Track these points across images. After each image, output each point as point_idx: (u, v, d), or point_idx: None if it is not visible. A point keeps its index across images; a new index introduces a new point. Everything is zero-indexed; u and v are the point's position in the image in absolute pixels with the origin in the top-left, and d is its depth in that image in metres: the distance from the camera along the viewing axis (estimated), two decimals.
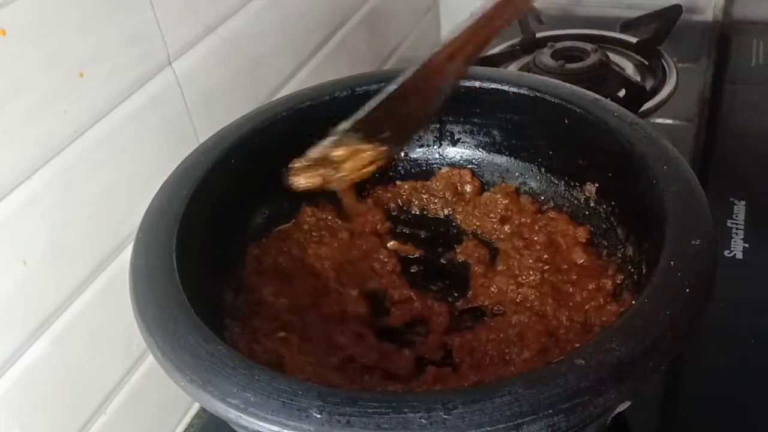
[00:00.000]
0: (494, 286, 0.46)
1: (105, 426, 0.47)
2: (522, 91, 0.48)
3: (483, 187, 0.53)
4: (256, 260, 0.47)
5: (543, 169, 0.51)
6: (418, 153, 0.54)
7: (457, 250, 0.50)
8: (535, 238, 0.48)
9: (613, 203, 0.46)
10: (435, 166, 0.54)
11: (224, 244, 0.45)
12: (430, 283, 0.48)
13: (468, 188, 0.53)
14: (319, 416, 0.27)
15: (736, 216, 0.58)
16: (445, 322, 0.45)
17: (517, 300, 0.45)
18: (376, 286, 0.48)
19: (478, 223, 0.52)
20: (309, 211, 0.50)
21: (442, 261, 0.50)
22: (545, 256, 0.47)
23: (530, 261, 0.47)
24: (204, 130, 0.51)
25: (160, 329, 0.33)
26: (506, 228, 0.50)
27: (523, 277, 0.46)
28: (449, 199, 0.53)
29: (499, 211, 0.51)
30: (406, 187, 0.54)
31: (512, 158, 0.52)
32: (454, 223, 0.53)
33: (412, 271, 0.50)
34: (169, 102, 0.49)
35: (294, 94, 0.50)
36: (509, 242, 0.49)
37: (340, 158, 0.42)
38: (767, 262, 0.54)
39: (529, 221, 0.50)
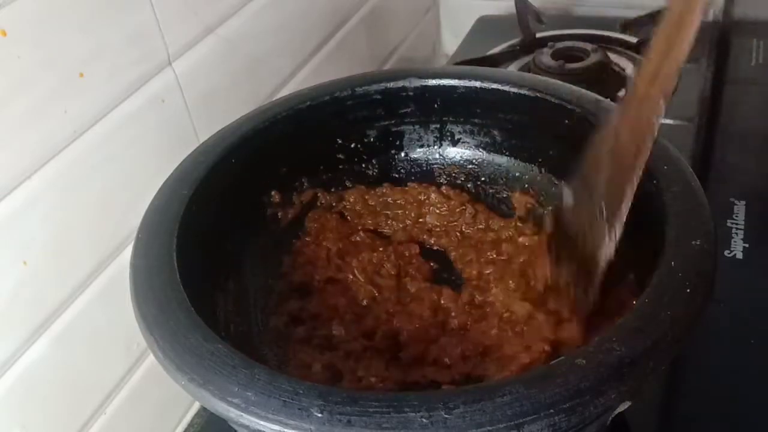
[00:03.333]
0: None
1: (105, 426, 0.47)
2: (522, 91, 0.48)
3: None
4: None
5: (544, 170, 0.51)
6: (418, 153, 0.54)
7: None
8: None
9: None
10: (435, 166, 0.54)
11: (224, 244, 0.45)
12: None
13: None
14: (320, 415, 0.27)
15: (736, 216, 0.58)
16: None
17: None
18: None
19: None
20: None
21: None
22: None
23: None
24: (204, 130, 0.51)
25: (160, 329, 0.33)
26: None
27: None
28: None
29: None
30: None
31: (512, 158, 0.52)
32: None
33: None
34: (169, 102, 0.49)
35: (294, 94, 0.50)
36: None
37: None
38: (767, 262, 0.54)
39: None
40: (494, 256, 0.48)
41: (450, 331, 0.44)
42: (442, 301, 0.46)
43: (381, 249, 0.50)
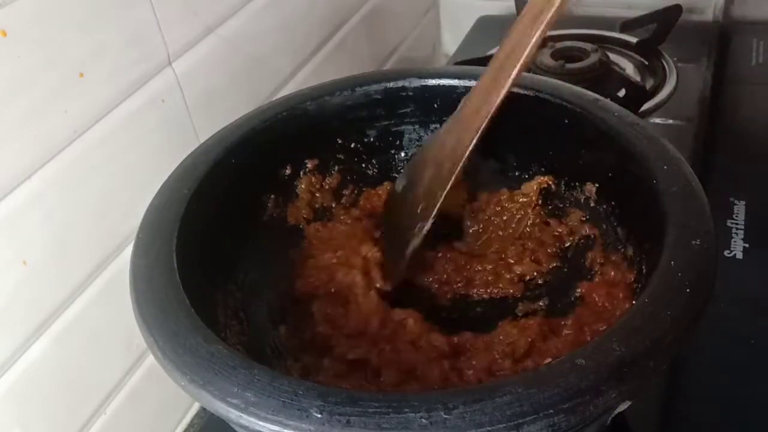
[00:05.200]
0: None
1: (105, 426, 0.47)
2: (522, 91, 0.48)
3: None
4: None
5: (543, 170, 0.51)
6: None
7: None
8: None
9: (613, 203, 0.46)
10: None
11: (224, 244, 0.45)
12: None
13: None
14: (319, 416, 0.27)
15: (736, 216, 0.58)
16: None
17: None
18: None
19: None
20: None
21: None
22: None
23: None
24: (204, 130, 0.51)
25: (160, 329, 0.32)
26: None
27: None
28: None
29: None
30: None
31: (512, 158, 0.52)
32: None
33: None
34: (169, 102, 0.49)
35: (294, 94, 0.50)
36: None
37: None
38: (767, 262, 0.54)
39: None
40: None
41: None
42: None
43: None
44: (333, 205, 0.52)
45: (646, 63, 0.78)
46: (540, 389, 0.28)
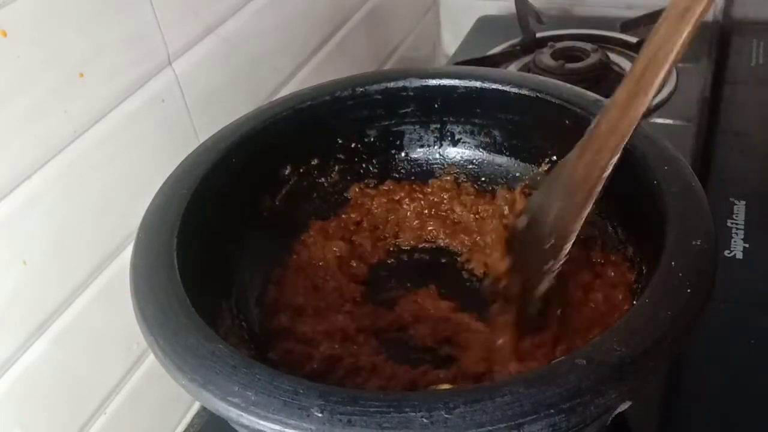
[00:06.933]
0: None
1: (105, 426, 0.47)
2: (523, 91, 0.48)
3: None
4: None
5: (544, 170, 0.51)
6: (418, 153, 0.54)
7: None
8: None
9: (613, 203, 0.46)
10: (435, 166, 0.54)
11: (224, 244, 0.45)
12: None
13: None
14: (320, 415, 0.27)
15: (736, 216, 0.58)
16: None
17: None
18: None
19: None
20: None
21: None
22: None
23: None
24: (204, 130, 0.51)
25: (160, 329, 0.33)
26: None
27: None
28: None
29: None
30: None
31: (513, 159, 0.52)
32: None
33: None
34: (169, 102, 0.49)
35: (294, 94, 0.51)
36: None
37: None
38: (767, 262, 0.54)
39: None
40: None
41: None
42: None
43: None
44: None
45: None
46: (540, 389, 0.28)
